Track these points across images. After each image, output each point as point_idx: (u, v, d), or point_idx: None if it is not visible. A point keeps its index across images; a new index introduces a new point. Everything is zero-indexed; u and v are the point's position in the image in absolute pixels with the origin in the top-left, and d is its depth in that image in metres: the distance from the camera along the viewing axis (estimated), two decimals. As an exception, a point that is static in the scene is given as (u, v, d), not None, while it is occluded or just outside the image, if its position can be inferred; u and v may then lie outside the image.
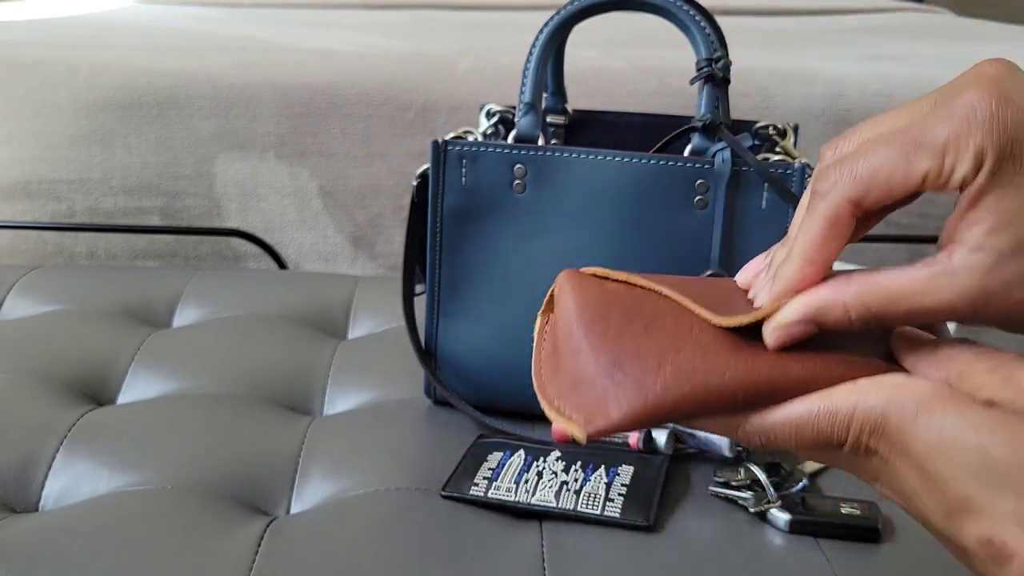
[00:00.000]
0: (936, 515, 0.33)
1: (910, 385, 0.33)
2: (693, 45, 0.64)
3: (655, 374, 0.34)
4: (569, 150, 0.64)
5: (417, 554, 0.53)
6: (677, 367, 0.34)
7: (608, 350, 0.35)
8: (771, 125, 0.71)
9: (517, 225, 0.66)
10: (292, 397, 0.73)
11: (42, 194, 1.24)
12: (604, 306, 0.37)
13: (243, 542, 0.54)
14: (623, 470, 0.60)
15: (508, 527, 0.56)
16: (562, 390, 0.36)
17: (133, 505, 0.57)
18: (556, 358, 0.37)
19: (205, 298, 0.89)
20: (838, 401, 0.34)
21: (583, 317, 0.37)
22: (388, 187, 1.28)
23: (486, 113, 0.74)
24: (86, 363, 0.75)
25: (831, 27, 2.00)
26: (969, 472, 0.31)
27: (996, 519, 0.31)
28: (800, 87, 1.33)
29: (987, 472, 0.31)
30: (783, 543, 0.55)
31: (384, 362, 0.77)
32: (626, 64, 1.36)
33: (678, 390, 0.34)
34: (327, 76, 1.28)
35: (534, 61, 0.66)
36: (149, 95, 1.24)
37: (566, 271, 0.40)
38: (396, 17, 1.91)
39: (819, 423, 0.34)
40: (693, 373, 0.34)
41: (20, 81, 1.23)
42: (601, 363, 0.35)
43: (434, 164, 0.66)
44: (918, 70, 1.39)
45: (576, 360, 0.36)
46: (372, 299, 0.90)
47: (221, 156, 1.25)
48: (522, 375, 0.67)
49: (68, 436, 0.64)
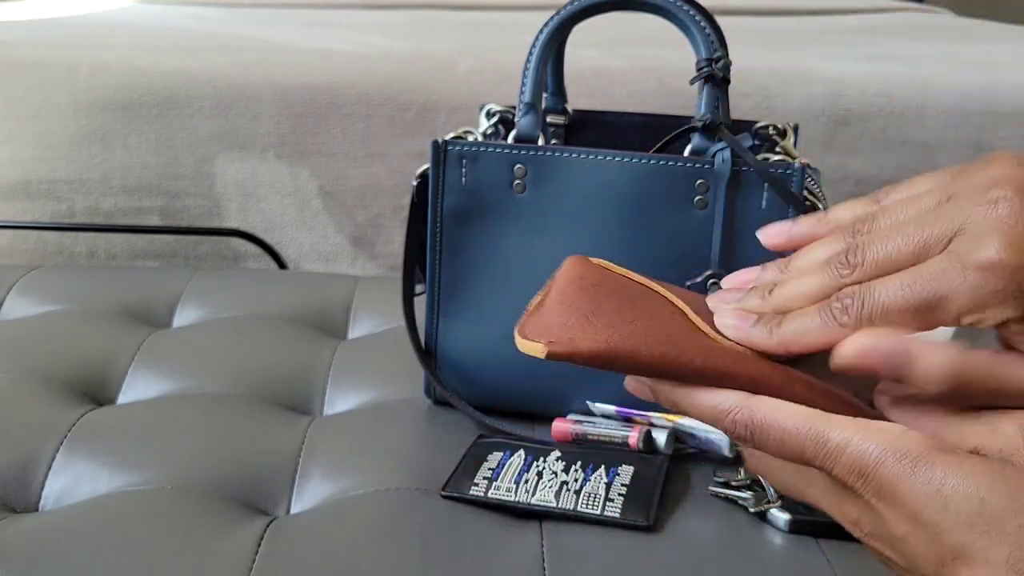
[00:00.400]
0: (927, 562, 0.32)
1: (908, 436, 0.33)
2: (693, 45, 0.64)
3: (628, 324, 0.37)
4: (569, 150, 0.64)
5: (417, 554, 0.53)
6: (648, 326, 0.37)
7: (589, 303, 0.39)
8: (771, 125, 0.71)
9: (517, 225, 0.66)
10: (292, 397, 0.73)
11: (42, 194, 1.24)
12: (598, 279, 0.41)
13: (243, 542, 0.54)
14: (623, 470, 0.60)
15: (508, 527, 0.56)
16: (536, 327, 0.38)
17: (133, 505, 0.57)
18: (541, 308, 0.40)
19: (205, 298, 0.89)
20: (832, 431, 0.34)
21: (576, 283, 0.40)
22: (388, 187, 1.28)
23: (486, 113, 0.74)
24: (86, 363, 0.75)
25: (831, 27, 2.00)
26: (965, 521, 0.31)
27: (991, 566, 0.31)
28: (800, 87, 1.33)
29: (983, 520, 0.31)
30: (783, 543, 0.55)
31: (384, 362, 0.77)
32: (626, 64, 1.36)
33: (644, 343, 0.36)
34: (327, 76, 1.28)
35: (534, 61, 0.66)
36: (149, 95, 1.24)
37: (573, 256, 0.43)
38: (396, 17, 1.91)
39: (806, 443, 0.34)
40: (665, 337, 0.37)
41: (20, 81, 1.23)
42: (581, 310, 0.38)
43: (434, 164, 0.66)
44: (918, 70, 1.39)
45: (558, 308, 0.39)
46: (372, 299, 0.90)
47: (221, 156, 1.25)
48: (522, 375, 0.67)
49: (68, 436, 0.64)
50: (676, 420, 0.64)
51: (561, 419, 0.66)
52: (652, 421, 0.64)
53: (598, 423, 0.65)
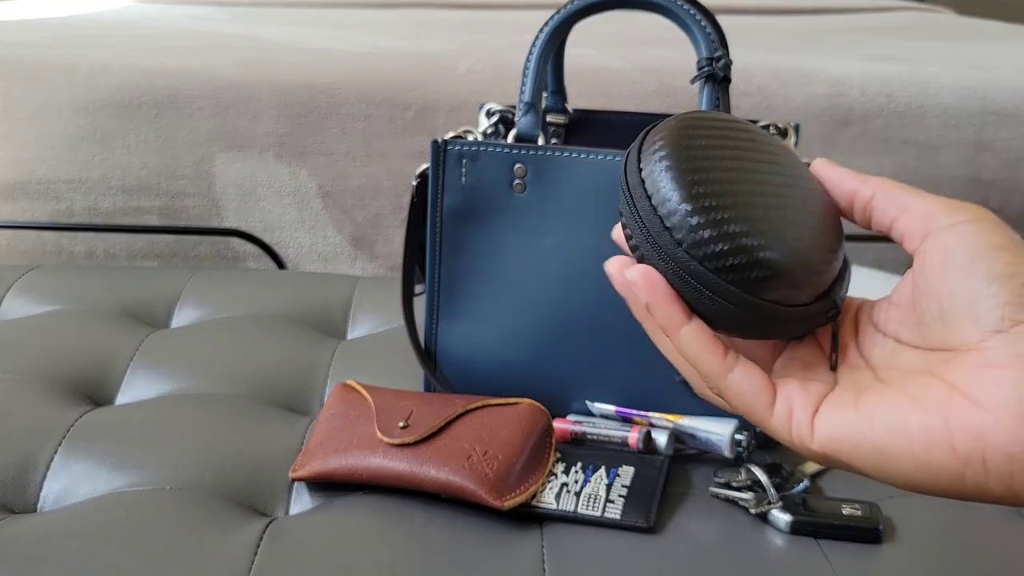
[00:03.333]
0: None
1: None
2: (694, 44, 0.64)
3: (332, 452, 0.60)
4: (569, 150, 0.64)
5: (417, 554, 0.53)
6: (346, 451, 0.60)
7: (322, 432, 0.62)
8: (772, 124, 0.70)
9: (517, 225, 0.65)
10: (292, 397, 0.73)
11: (41, 194, 1.24)
12: (344, 406, 0.64)
13: (242, 543, 0.53)
14: (623, 471, 0.60)
15: (508, 528, 0.56)
16: (308, 446, 0.62)
17: (132, 505, 0.57)
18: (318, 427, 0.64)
19: (204, 298, 0.89)
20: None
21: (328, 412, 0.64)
22: (388, 187, 1.27)
23: (486, 112, 0.74)
24: (85, 363, 0.75)
25: (832, 26, 2.00)
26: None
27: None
28: (801, 86, 1.33)
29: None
30: (784, 544, 0.55)
31: (384, 362, 0.77)
32: (626, 64, 1.36)
33: (336, 464, 0.59)
34: (327, 76, 1.27)
35: (534, 60, 0.66)
36: (149, 95, 1.24)
37: (338, 385, 0.66)
38: (396, 17, 1.91)
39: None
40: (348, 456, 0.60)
41: (19, 81, 1.23)
42: (318, 438, 0.62)
43: (434, 164, 0.66)
44: (919, 69, 1.39)
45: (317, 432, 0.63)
46: (372, 299, 0.90)
47: (220, 156, 1.25)
48: (521, 375, 0.67)
49: (67, 437, 0.64)
50: (676, 420, 0.64)
51: (561, 419, 0.65)
52: (652, 422, 0.64)
53: (598, 423, 0.65)
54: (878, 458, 0.35)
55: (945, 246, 0.35)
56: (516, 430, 0.59)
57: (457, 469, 0.56)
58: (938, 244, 0.36)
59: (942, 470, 0.33)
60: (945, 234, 0.36)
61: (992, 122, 1.33)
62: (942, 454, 0.33)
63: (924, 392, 0.34)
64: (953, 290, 0.35)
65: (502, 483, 0.56)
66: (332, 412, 0.63)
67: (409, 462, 0.57)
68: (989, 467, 0.32)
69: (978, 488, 0.33)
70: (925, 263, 0.36)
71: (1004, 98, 1.34)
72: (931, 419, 0.34)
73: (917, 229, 0.37)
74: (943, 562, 0.53)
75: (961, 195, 1.34)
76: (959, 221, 0.36)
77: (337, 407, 0.63)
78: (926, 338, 0.36)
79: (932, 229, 0.36)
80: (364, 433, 0.60)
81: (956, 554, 0.54)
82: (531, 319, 0.66)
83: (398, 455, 0.58)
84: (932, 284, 0.36)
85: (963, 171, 1.34)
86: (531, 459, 0.58)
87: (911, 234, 0.37)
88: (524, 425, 0.59)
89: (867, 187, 0.39)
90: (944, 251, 0.35)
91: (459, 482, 0.56)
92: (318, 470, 0.59)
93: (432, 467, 0.57)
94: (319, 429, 0.62)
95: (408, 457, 0.58)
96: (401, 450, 0.58)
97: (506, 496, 0.55)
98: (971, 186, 1.34)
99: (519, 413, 0.60)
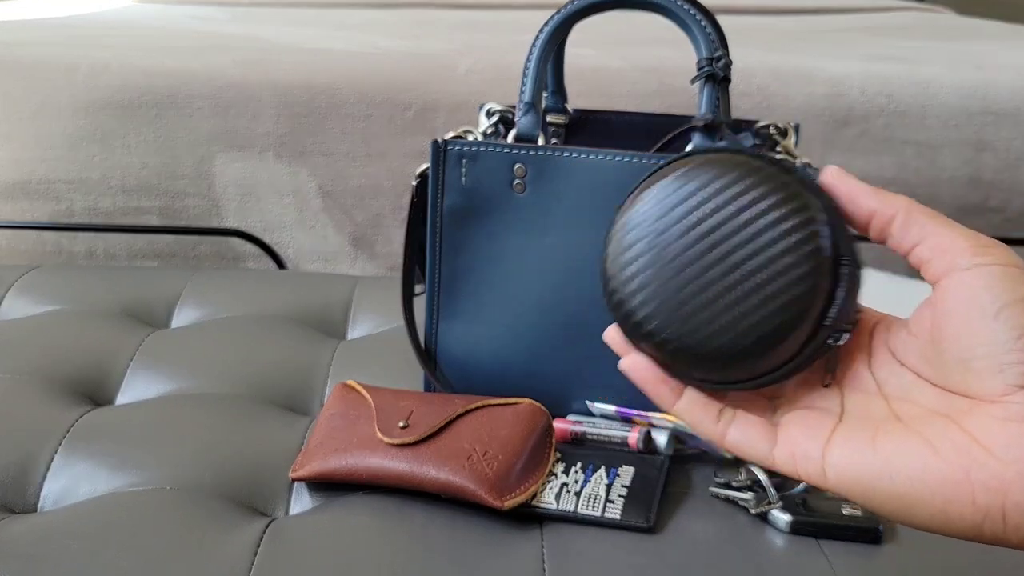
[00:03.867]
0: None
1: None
2: (694, 44, 0.64)
3: (332, 452, 0.60)
4: (569, 150, 0.64)
5: (417, 554, 0.53)
6: (346, 451, 0.60)
7: (322, 432, 0.62)
8: (772, 124, 0.70)
9: (517, 225, 0.65)
10: (292, 397, 0.73)
11: (41, 194, 1.24)
12: (344, 406, 0.64)
13: (242, 543, 0.53)
14: (623, 471, 0.60)
15: (508, 528, 0.56)
16: (308, 446, 0.62)
17: (132, 505, 0.57)
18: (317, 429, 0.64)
19: (204, 298, 0.89)
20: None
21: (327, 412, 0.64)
22: (388, 187, 1.27)
23: (486, 112, 0.74)
24: (85, 363, 0.75)
25: (832, 26, 2.00)
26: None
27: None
28: (801, 86, 1.33)
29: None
30: (784, 544, 0.55)
31: (384, 362, 0.77)
32: (626, 64, 1.36)
33: (336, 464, 0.59)
34: (327, 76, 1.27)
35: (534, 60, 0.66)
36: (149, 95, 1.24)
37: (338, 385, 0.66)
38: (396, 17, 1.91)
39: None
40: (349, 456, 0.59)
41: (20, 81, 1.23)
42: (318, 438, 0.62)
43: (434, 164, 0.66)
44: (919, 69, 1.39)
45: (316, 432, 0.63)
46: (372, 299, 0.90)
47: (220, 156, 1.25)
48: (522, 375, 0.67)
49: (67, 437, 0.64)
50: (676, 421, 0.64)
51: (561, 419, 0.65)
52: (652, 422, 0.64)
53: (598, 423, 0.65)
54: (896, 503, 0.35)
55: (971, 289, 0.35)
56: (516, 430, 0.59)
57: (457, 469, 0.56)
58: (963, 284, 0.35)
59: (961, 520, 0.34)
60: (971, 275, 0.35)
61: (992, 122, 1.33)
62: (962, 506, 0.34)
63: (944, 441, 0.35)
64: (978, 338, 0.34)
65: (502, 483, 0.56)
66: (332, 412, 0.63)
67: (409, 462, 0.57)
68: (1008, 520, 0.33)
69: (995, 536, 0.34)
70: (948, 301, 0.36)
71: (1004, 98, 1.34)
72: (953, 471, 0.34)
73: (940, 261, 0.36)
74: (943, 562, 0.53)
75: (961, 195, 1.34)
76: (986, 263, 0.35)
77: (337, 407, 0.63)
78: (946, 380, 0.36)
79: (957, 266, 0.35)
80: (364, 433, 0.60)
81: (956, 554, 0.54)
82: (531, 319, 0.66)
83: (398, 455, 0.58)
84: (956, 326, 0.35)
85: (963, 171, 1.34)
86: (531, 459, 0.58)
87: (934, 266, 0.36)
88: (524, 425, 0.59)
89: (888, 207, 0.38)
90: (969, 294, 0.35)
91: (459, 482, 0.56)
92: (318, 470, 0.59)
93: (432, 467, 0.57)
94: (319, 429, 0.62)
95: (408, 457, 0.58)
96: (401, 450, 0.58)
97: (506, 496, 0.55)
98: (971, 186, 1.34)
99: (519, 413, 0.60)
